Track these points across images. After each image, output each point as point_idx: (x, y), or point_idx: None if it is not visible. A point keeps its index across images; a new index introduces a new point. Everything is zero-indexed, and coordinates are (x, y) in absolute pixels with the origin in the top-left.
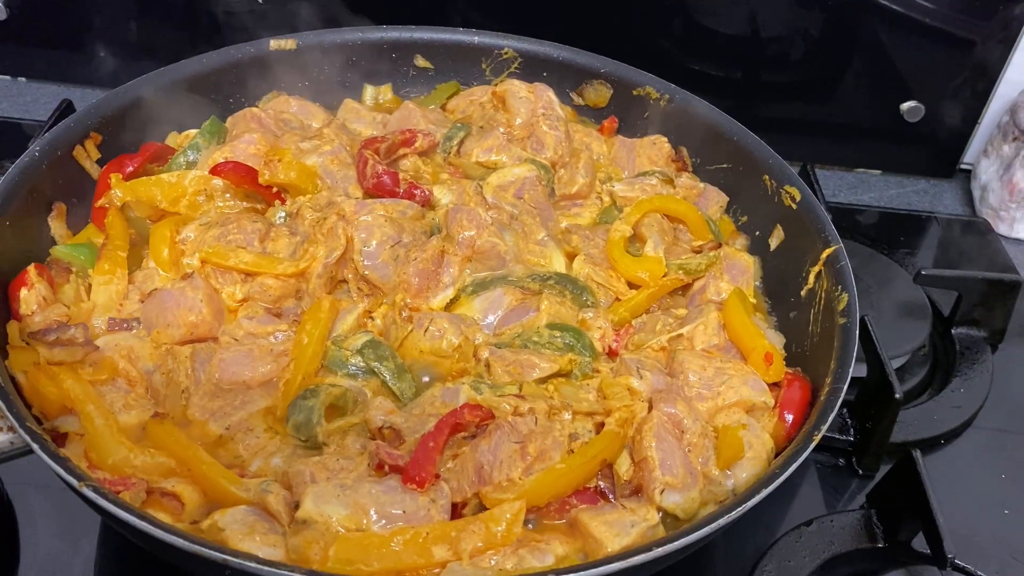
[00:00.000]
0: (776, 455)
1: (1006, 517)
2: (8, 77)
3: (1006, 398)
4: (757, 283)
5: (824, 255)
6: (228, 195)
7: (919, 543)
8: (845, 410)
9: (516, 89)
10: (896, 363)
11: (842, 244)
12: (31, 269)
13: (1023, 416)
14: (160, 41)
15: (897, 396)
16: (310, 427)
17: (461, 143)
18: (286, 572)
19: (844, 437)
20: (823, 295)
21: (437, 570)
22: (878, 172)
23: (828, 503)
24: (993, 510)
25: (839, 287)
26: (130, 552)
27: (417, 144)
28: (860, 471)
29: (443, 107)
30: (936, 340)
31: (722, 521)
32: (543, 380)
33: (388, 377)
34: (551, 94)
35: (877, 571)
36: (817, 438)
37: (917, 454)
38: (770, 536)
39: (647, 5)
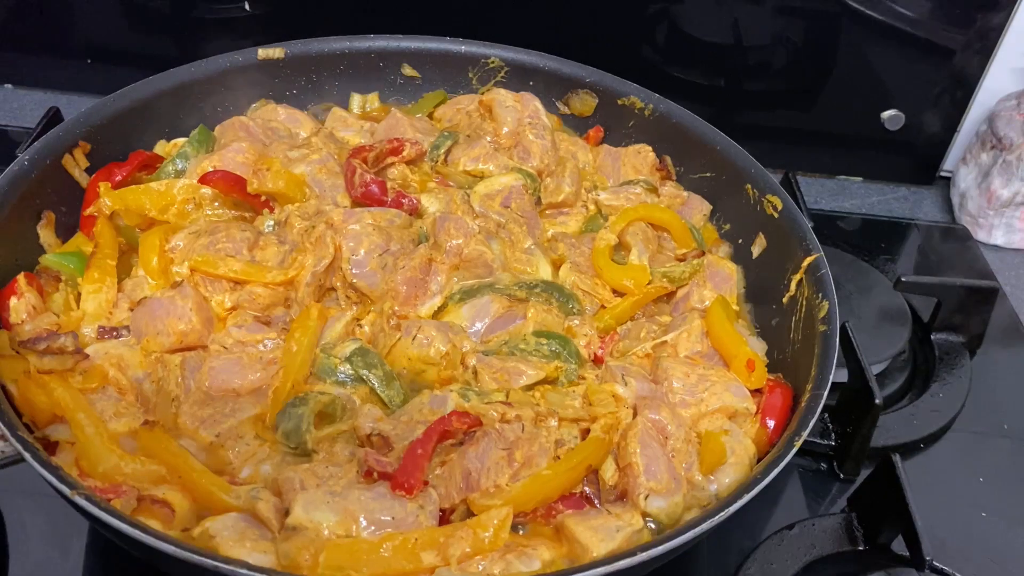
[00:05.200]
0: (758, 460)
1: (984, 520)
2: None
3: (984, 403)
4: (740, 291)
5: (805, 263)
6: (217, 204)
7: (899, 546)
8: (826, 415)
9: (502, 98)
10: (876, 369)
11: (823, 253)
12: (20, 278)
13: (1001, 420)
14: (148, 49)
15: (877, 401)
16: (299, 434)
17: (448, 152)
18: None
19: (825, 442)
20: (804, 303)
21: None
22: (859, 179)
23: (810, 507)
24: (971, 513)
25: (820, 295)
26: (119, 560)
27: (405, 153)
28: (841, 475)
29: (430, 116)
30: (916, 346)
31: (705, 525)
32: (530, 387)
33: (377, 384)
34: (537, 103)
35: (857, 573)
36: (798, 443)
37: (897, 458)
38: (753, 540)
39: (631, 14)
